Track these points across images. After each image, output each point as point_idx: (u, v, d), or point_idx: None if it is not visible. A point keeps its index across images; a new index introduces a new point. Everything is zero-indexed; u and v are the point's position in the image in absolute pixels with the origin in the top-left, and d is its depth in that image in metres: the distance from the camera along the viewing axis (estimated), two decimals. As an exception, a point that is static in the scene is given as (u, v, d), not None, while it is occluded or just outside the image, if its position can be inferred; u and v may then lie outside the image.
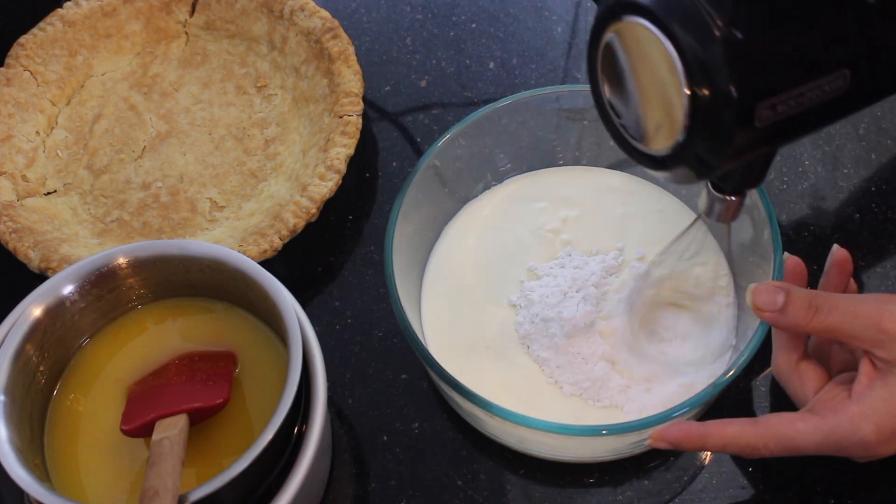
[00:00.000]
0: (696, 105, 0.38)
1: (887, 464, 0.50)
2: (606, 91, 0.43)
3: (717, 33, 0.37)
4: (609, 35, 0.41)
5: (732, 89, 0.37)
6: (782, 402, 0.57)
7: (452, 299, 0.60)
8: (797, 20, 0.39)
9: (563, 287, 0.58)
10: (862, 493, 0.55)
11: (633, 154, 0.43)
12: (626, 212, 0.63)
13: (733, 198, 0.47)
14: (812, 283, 0.56)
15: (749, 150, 0.41)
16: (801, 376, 0.52)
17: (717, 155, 0.40)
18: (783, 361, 0.53)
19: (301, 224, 0.63)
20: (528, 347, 0.58)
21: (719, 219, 0.48)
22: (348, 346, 0.62)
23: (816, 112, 0.40)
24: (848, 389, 0.50)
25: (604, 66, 0.42)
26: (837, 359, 0.54)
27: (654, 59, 0.39)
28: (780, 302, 0.49)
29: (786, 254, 0.54)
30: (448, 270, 0.62)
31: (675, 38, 0.38)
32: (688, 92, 0.38)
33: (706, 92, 0.38)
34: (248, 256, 0.53)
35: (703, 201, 0.48)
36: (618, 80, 0.42)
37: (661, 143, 0.41)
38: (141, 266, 0.53)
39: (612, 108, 0.43)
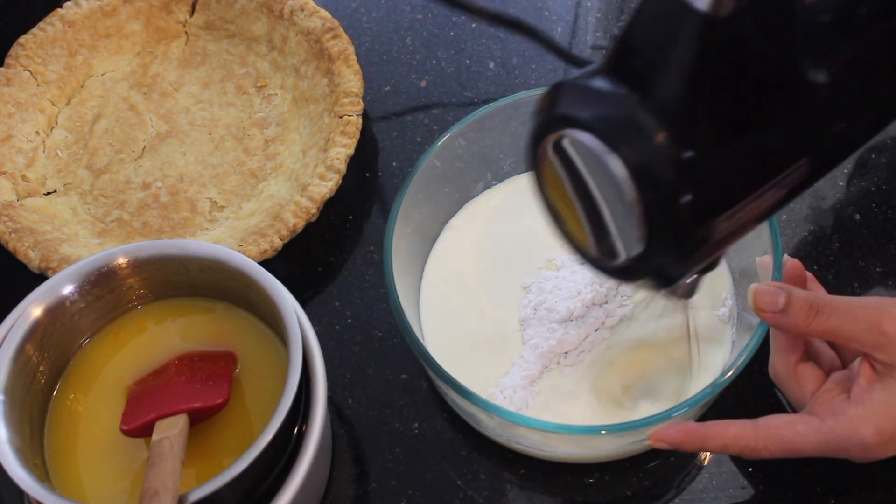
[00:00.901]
0: (651, 224, 0.35)
1: (887, 464, 0.50)
2: (556, 200, 0.40)
3: (666, 155, 0.34)
4: (550, 146, 0.37)
5: (687, 211, 0.35)
6: (782, 403, 0.57)
7: (452, 299, 0.60)
8: (749, 125, 0.36)
9: (580, 285, 0.58)
10: (862, 493, 0.55)
11: (589, 261, 0.40)
12: None
13: (693, 277, 0.45)
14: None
15: (710, 255, 0.39)
16: (800, 378, 0.52)
17: (678, 269, 0.37)
18: (781, 364, 0.53)
19: (301, 224, 0.63)
20: (524, 330, 0.58)
21: (680, 296, 0.47)
22: (348, 346, 0.62)
23: (776, 204, 0.38)
24: (846, 391, 0.50)
25: (548, 175, 0.39)
26: (826, 358, 0.54)
27: (601, 173, 0.36)
28: (781, 303, 0.49)
29: (785, 256, 0.54)
30: (448, 270, 0.62)
31: (622, 156, 0.35)
32: (641, 212, 0.35)
33: (660, 215, 0.35)
34: (248, 256, 0.53)
35: None
36: (566, 190, 0.38)
37: (617, 257, 0.38)
38: (141, 266, 0.53)
39: (564, 216, 0.40)
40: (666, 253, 0.36)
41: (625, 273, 0.38)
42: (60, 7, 0.73)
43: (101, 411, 0.51)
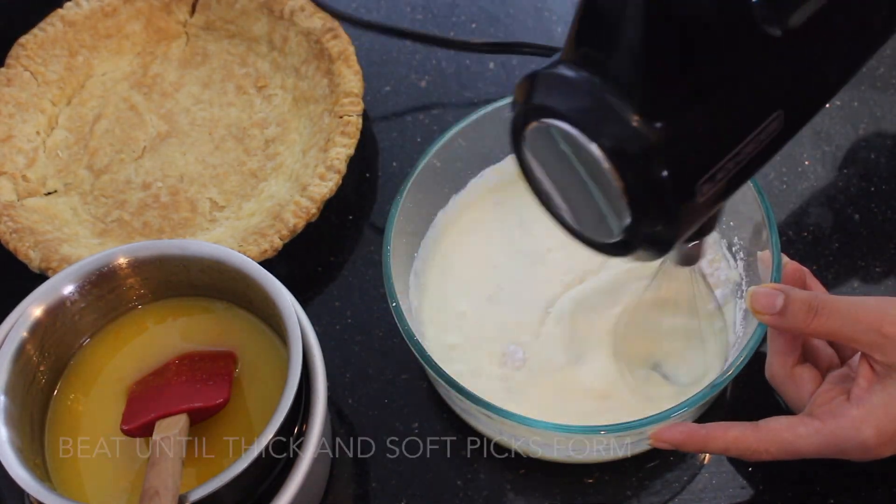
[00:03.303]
0: (636, 200, 0.36)
1: (887, 463, 0.51)
2: (543, 184, 0.40)
3: (636, 133, 0.35)
4: (530, 134, 0.38)
5: (666, 181, 0.35)
6: (781, 404, 0.57)
7: (452, 298, 0.60)
8: (712, 86, 0.36)
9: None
10: (862, 493, 0.55)
11: (582, 240, 0.41)
12: None
13: (695, 243, 0.46)
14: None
15: (700, 217, 0.39)
16: (797, 380, 0.52)
17: (668, 235, 0.38)
18: (778, 366, 0.53)
19: (301, 224, 0.63)
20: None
21: (685, 263, 0.47)
22: (348, 346, 0.62)
23: (757, 159, 0.38)
24: (845, 391, 0.50)
25: (533, 163, 0.40)
26: (823, 356, 0.54)
27: (582, 156, 0.36)
28: (779, 304, 0.49)
29: (785, 258, 0.54)
30: (447, 269, 0.62)
31: (597, 142, 0.35)
32: (624, 190, 0.36)
33: (640, 186, 0.36)
34: (248, 256, 0.53)
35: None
36: (551, 174, 0.39)
37: (609, 233, 0.38)
38: (141, 266, 0.53)
39: (551, 199, 0.40)
40: (654, 224, 0.37)
41: (619, 248, 0.39)
42: (61, 7, 0.73)
43: (101, 411, 0.51)
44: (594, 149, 0.36)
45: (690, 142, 0.36)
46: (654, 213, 0.37)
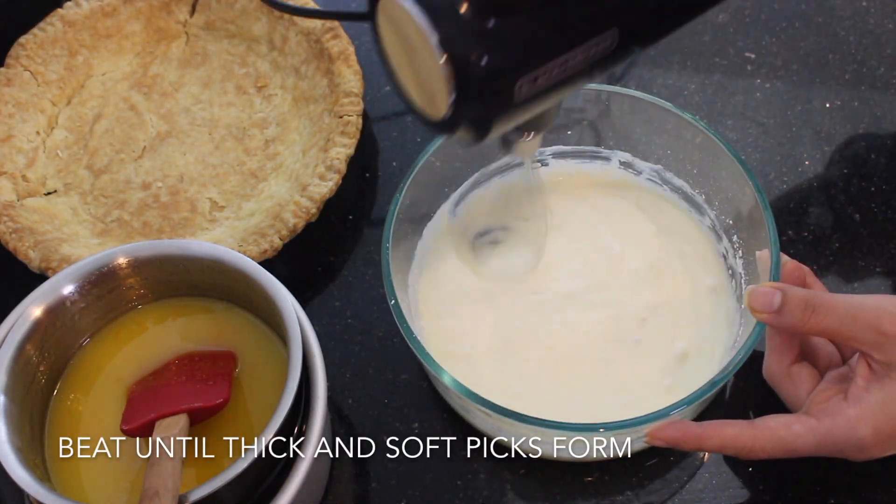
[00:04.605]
0: (460, 84, 0.38)
1: (887, 463, 0.51)
2: (391, 60, 0.43)
3: (467, 23, 0.37)
4: (382, 7, 0.40)
5: (486, 74, 0.37)
6: (780, 402, 0.57)
7: (451, 298, 0.60)
8: None
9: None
10: (862, 492, 0.55)
11: (420, 119, 0.43)
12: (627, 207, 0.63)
13: (530, 137, 0.48)
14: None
15: (520, 111, 0.41)
16: (794, 379, 0.52)
17: (486, 121, 0.40)
18: (775, 365, 0.53)
19: (301, 224, 0.63)
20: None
21: (519, 154, 0.49)
22: (348, 346, 0.62)
23: (586, 71, 0.40)
24: (843, 390, 0.50)
25: (382, 32, 0.42)
26: (823, 353, 0.54)
27: (417, 37, 0.38)
28: (776, 303, 0.49)
29: (785, 257, 0.54)
30: (447, 269, 0.62)
31: (432, 24, 0.37)
32: (451, 73, 0.38)
33: (465, 76, 0.38)
34: (248, 256, 0.53)
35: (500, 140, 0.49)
36: (395, 50, 0.42)
37: (437, 111, 0.41)
38: (141, 266, 0.53)
39: (397, 76, 0.43)
40: (473, 110, 0.39)
41: (445, 126, 0.41)
42: (61, 7, 0.73)
43: (101, 411, 0.51)
44: (430, 33, 0.37)
45: (516, 42, 0.38)
46: (473, 100, 0.38)
